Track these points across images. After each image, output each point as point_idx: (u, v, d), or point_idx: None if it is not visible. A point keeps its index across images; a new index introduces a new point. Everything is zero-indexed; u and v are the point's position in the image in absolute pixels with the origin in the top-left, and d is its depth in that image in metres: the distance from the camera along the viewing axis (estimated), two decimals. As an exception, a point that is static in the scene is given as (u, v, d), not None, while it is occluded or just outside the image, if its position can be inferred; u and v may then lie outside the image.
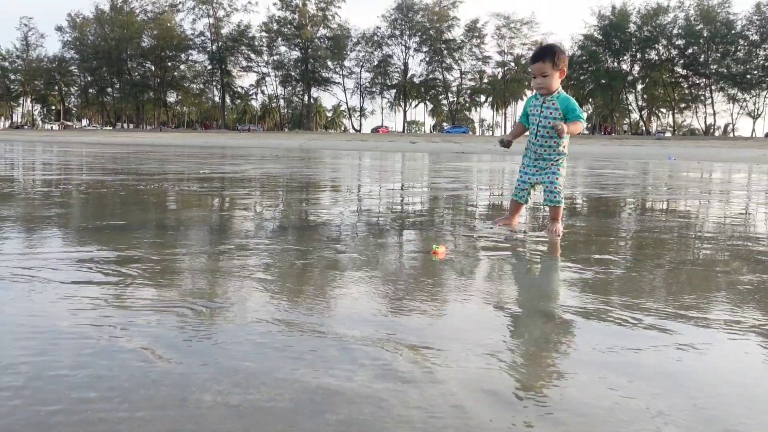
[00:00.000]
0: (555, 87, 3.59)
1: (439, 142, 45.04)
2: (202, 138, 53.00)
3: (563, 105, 3.57)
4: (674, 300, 2.16)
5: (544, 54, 3.59)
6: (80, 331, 1.63)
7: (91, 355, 1.46)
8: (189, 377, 1.33)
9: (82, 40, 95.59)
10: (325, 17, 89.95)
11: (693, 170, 15.45)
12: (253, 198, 5.75)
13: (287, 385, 1.29)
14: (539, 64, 3.56)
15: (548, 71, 3.53)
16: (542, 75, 3.55)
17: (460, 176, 10.52)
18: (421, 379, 1.35)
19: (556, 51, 3.60)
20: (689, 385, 1.39)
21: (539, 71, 3.56)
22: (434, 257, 2.77)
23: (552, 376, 1.44)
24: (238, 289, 2.12)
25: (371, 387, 1.29)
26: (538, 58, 3.59)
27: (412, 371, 1.39)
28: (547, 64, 3.53)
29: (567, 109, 3.56)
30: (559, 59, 3.55)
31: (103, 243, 2.98)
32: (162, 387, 1.28)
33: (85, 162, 13.07)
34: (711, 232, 4.00)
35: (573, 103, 3.57)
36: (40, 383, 1.29)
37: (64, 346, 1.51)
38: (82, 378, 1.32)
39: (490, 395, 1.29)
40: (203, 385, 1.28)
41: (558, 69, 3.54)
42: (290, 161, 15.57)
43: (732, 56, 73.71)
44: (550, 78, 3.54)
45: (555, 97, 3.59)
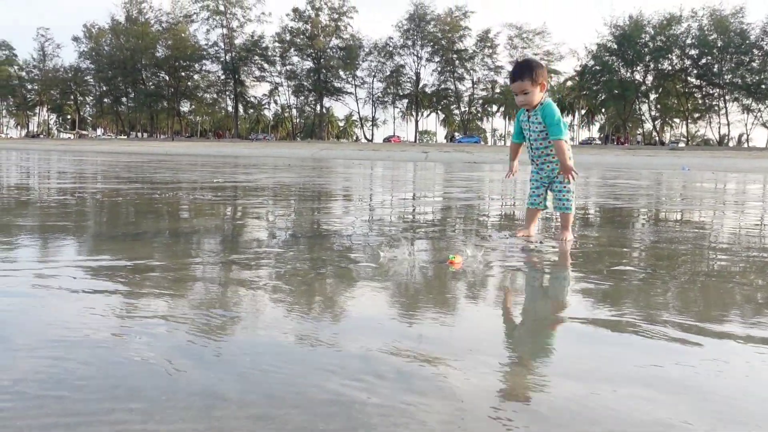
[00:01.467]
0: (536, 101, 3.65)
1: (451, 152, 45.03)
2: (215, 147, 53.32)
3: (543, 118, 3.63)
4: (695, 312, 2.13)
5: (521, 72, 3.63)
6: (98, 341, 1.63)
7: (109, 364, 1.46)
8: (210, 388, 1.33)
9: (97, 50, 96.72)
10: (337, 28, 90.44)
11: (707, 181, 15.33)
12: (267, 207, 5.76)
13: (309, 397, 1.29)
14: (518, 83, 3.63)
15: (528, 88, 3.60)
16: (523, 93, 3.61)
17: (472, 186, 10.50)
18: (443, 392, 1.34)
19: (533, 67, 3.65)
20: (714, 399, 1.37)
21: (519, 89, 3.63)
22: (451, 267, 2.76)
23: (573, 389, 1.42)
24: (254, 299, 2.12)
25: (394, 399, 1.28)
26: (516, 76, 3.65)
27: (434, 383, 1.38)
28: (526, 82, 3.59)
29: (547, 124, 3.62)
30: (537, 74, 3.60)
31: (119, 252, 3.00)
32: (183, 398, 1.27)
33: (100, 171, 13.18)
34: (728, 243, 3.95)
35: (552, 116, 3.61)
36: (58, 393, 1.29)
37: (81, 356, 1.51)
38: (100, 388, 1.32)
39: (509, 407, 1.28)
40: (225, 397, 1.28)
41: (537, 84, 3.60)
42: (302, 170, 15.62)
43: (746, 66, 73.27)
44: (531, 94, 3.61)
45: (538, 110, 3.66)
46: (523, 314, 2.12)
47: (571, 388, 1.42)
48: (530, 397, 1.35)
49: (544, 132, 3.65)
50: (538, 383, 1.43)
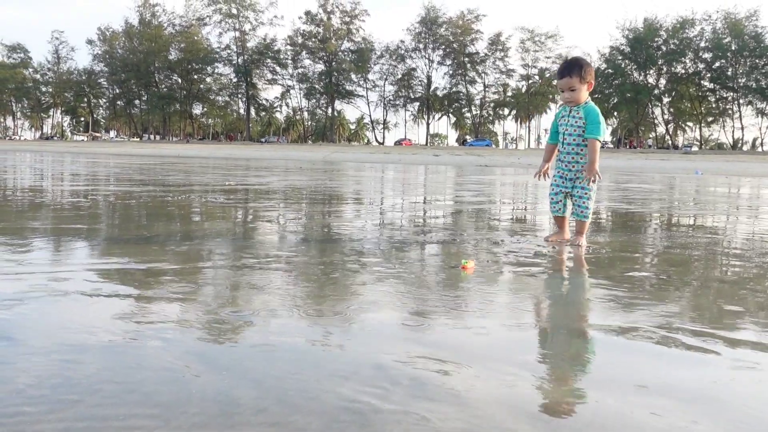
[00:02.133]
0: (583, 99, 3.61)
1: (463, 155, 44.96)
2: (226, 150, 53.54)
3: (585, 115, 3.59)
4: (709, 319, 2.11)
5: (570, 68, 3.60)
6: (113, 345, 1.64)
7: (125, 368, 1.47)
8: (224, 394, 1.33)
9: (111, 53, 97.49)
10: (349, 31, 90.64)
11: (721, 185, 15.21)
12: (278, 210, 5.78)
13: (323, 403, 1.29)
14: (566, 79, 3.58)
15: (576, 85, 3.56)
16: (570, 89, 3.56)
17: (483, 189, 10.47)
18: (457, 399, 1.33)
19: (582, 64, 3.62)
20: (731, 407, 1.35)
21: (567, 86, 3.58)
22: (463, 272, 2.75)
23: (586, 395, 1.41)
24: (267, 304, 2.13)
25: (408, 405, 1.28)
26: (565, 72, 3.60)
27: (448, 390, 1.38)
28: (575, 79, 3.55)
29: (588, 121, 3.57)
30: (586, 72, 3.57)
31: (132, 255, 3.01)
32: (198, 403, 1.28)
33: (113, 173, 13.27)
34: (741, 249, 3.92)
35: (595, 115, 3.57)
36: (73, 397, 1.30)
37: (96, 360, 1.52)
38: (115, 393, 1.33)
39: (524, 414, 1.27)
40: (240, 402, 1.28)
41: (585, 82, 3.57)
42: (314, 173, 15.65)
43: (761, 69, 72.66)
44: (578, 92, 3.57)
45: (582, 107, 3.61)
46: (535, 321, 2.11)
47: (584, 396, 1.41)
48: (543, 404, 1.34)
49: (582, 129, 3.60)
50: (551, 391, 1.42)
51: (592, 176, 3.56)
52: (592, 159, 3.55)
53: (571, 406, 1.34)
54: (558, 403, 1.35)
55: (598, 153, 3.56)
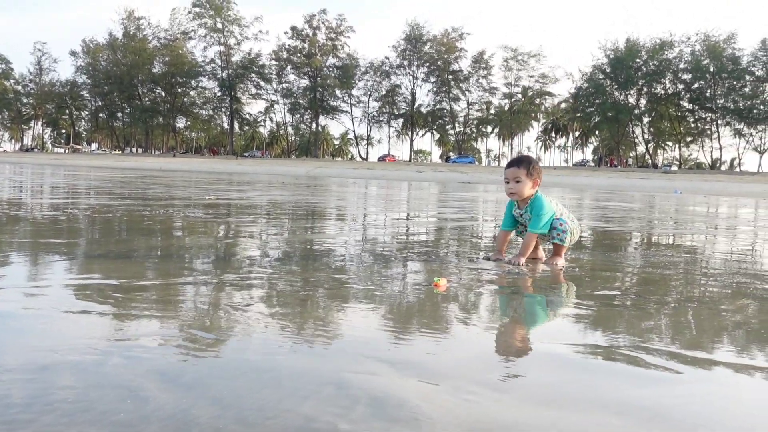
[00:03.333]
0: (526, 194, 3.72)
1: (446, 172, 45.18)
2: (209, 164, 53.34)
3: (530, 210, 3.71)
4: (676, 339, 2.14)
5: (520, 161, 3.77)
6: (76, 363, 1.62)
7: (85, 387, 1.45)
8: (182, 413, 1.32)
9: (94, 65, 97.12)
10: (334, 47, 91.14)
11: (699, 204, 15.41)
12: (258, 226, 5.76)
13: (280, 422, 1.28)
14: (514, 169, 3.72)
15: (522, 177, 3.67)
16: (515, 180, 3.69)
17: (465, 206, 10.52)
18: (417, 420, 1.33)
19: (531, 161, 3.78)
20: (684, 425, 1.37)
21: (513, 176, 3.71)
22: (436, 290, 2.76)
23: (546, 416, 1.42)
24: (236, 322, 2.12)
25: (367, 426, 1.28)
26: (514, 164, 3.77)
27: (409, 411, 1.38)
28: (522, 170, 3.69)
29: (532, 215, 3.69)
30: (533, 169, 3.71)
31: (104, 270, 2.99)
32: (154, 422, 1.27)
33: (93, 186, 13.16)
34: (717, 269, 3.97)
35: (538, 205, 3.69)
36: (27, 416, 1.28)
37: (56, 379, 1.50)
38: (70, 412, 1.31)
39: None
40: (197, 421, 1.27)
41: (532, 178, 3.69)
42: (296, 188, 15.64)
43: (738, 91, 74.11)
44: (523, 184, 3.68)
45: (529, 205, 3.74)
46: (503, 338, 2.12)
47: (543, 415, 1.42)
48: (503, 425, 1.35)
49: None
50: (512, 411, 1.43)
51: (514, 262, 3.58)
52: (521, 251, 3.65)
53: (530, 427, 1.35)
54: (516, 423, 1.36)
55: (530, 247, 3.66)
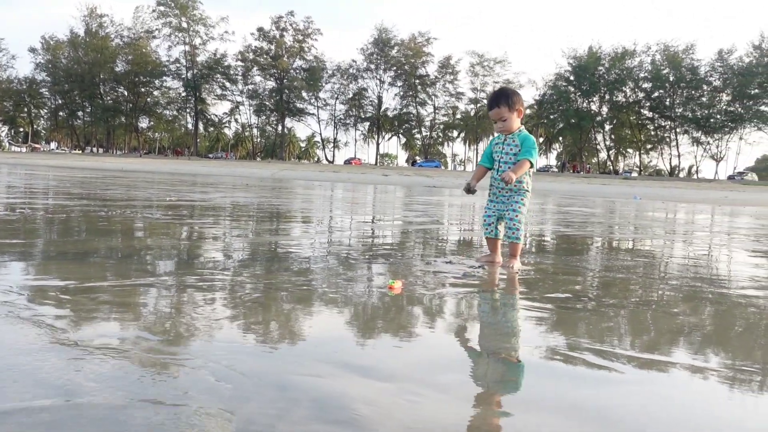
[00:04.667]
0: (516, 127, 3.73)
1: (412, 176, 45.32)
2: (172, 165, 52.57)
3: (521, 142, 3.71)
4: (627, 341, 2.17)
5: (498, 99, 3.73)
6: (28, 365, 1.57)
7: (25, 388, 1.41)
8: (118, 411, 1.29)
9: (54, 62, 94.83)
10: (301, 49, 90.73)
11: (658, 210, 15.75)
12: (220, 228, 5.69)
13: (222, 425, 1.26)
14: (495, 109, 3.72)
15: (505, 114, 3.68)
16: (501, 119, 3.67)
17: (429, 210, 10.57)
18: (357, 422, 1.33)
19: (508, 94, 3.75)
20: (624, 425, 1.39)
21: (497, 116, 3.71)
22: (390, 292, 2.76)
23: (495, 417, 1.43)
24: (187, 323, 2.08)
25: (305, 428, 1.27)
26: (493, 104, 3.74)
27: (349, 413, 1.37)
28: (503, 108, 3.68)
29: (522, 147, 3.69)
30: (512, 101, 3.70)
31: (61, 272, 2.91)
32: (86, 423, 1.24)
33: (50, 186, 12.85)
34: (672, 273, 4.06)
35: (530, 141, 3.70)
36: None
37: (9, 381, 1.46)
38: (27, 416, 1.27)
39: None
40: (132, 422, 1.25)
41: (514, 110, 3.69)
42: (261, 191, 15.50)
43: (696, 101, 76.09)
44: (509, 120, 3.69)
45: (517, 134, 3.71)
46: (453, 341, 2.13)
47: (485, 415, 1.42)
48: (442, 425, 1.35)
49: (516, 155, 3.69)
50: (453, 412, 1.43)
51: (508, 178, 3.54)
52: (515, 168, 3.60)
53: (470, 428, 1.35)
54: (456, 424, 1.36)
55: (524, 169, 3.64)
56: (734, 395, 1.68)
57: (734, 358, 2.02)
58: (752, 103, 71.41)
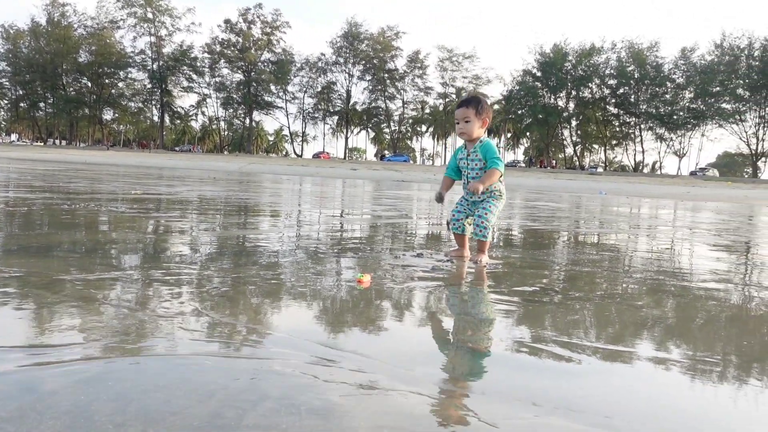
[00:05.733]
0: (476, 134, 3.76)
1: (380, 170, 45.35)
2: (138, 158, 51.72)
3: (483, 153, 3.75)
4: (592, 333, 2.21)
5: (468, 101, 3.77)
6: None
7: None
8: (81, 409, 1.27)
9: (15, 52, 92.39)
10: (269, 42, 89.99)
11: (622, 205, 16.02)
12: (186, 221, 5.62)
13: (184, 417, 1.25)
14: (463, 109, 3.75)
15: (471, 117, 3.70)
16: (465, 120, 3.72)
17: (398, 204, 10.58)
18: (328, 412, 1.33)
19: (480, 101, 3.80)
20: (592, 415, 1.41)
21: (462, 116, 3.74)
22: (359, 286, 2.76)
23: (463, 406, 1.44)
24: (152, 318, 2.05)
25: (272, 420, 1.26)
26: (463, 104, 3.78)
27: (320, 403, 1.37)
28: (471, 110, 3.71)
29: (487, 157, 3.73)
30: (482, 108, 3.74)
31: (19, 266, 2.84)
32: (51, 418, 1.21)
33: (11, 178, 12.53)
34: (636, 266, 4.13)
35: (492, 150, 3.74)
36: None
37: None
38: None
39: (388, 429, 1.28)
40: (96, 418, 1.23)
41: (481, 117, 3.72)
42: (228, 184, 15.35)
43: (660, 97, 77.64)
44: (472, 124, 3.71)
45: (478, 147, 3.77)
46: (422, 334, 2.14)
47: (454, 405, 1.44)
48: (412, 415, 1.35)
49: (482, 166, 3.75)
50: (423, 403, 1.44)
51: (475, 188, 3.61)
52: (484, 178, 3.67)
53: (439, 417, 1.36)
54: (425, 415, 1.37)
55: (493, 179, 3.68)
56: (696, 386, 1.72)
57: (696, 349, 2.07)
58: (714, 100, 73.15)
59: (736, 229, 8.51)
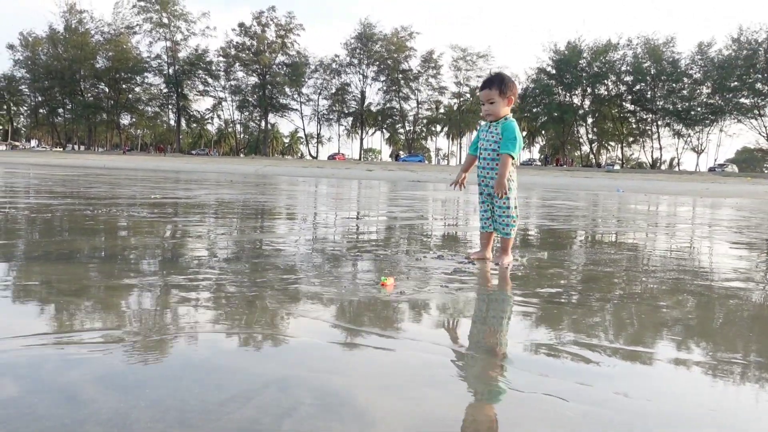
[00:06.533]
0: (502, 114, 3.65)
1: (396, 171, 45.36)
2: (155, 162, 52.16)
3: (502, 131, 3.64)
4: (616, 335, 2.21)
5: (491, 81, 3.67)
6: (14, 366, 1.57)
7: (21, 392, 1.41)
8: (121, 416, 1.30)
9: (33, 59, 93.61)
10: (283, 44, 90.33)
11: (640, 203, 15.90)
12: (206, 225, 5.67)
13: (222, 424, 1.27)
14: (486, 90, 3.64)
15: (495, 98, 3.61)
16: (489, 102, 3.63)
17: (415, 205, 10.59)
18: (361, 416, 1.34)
19: (504, 78, 3.68)
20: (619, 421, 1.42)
21: (486, 98, 3.64)
22: (383, 289, 2.78)
23: (492, 412, 1.45)
24: (180, 323, 2.09)
25: (310, 425, 1.28)
26: (486, 85, 3.67)
27: (353, 408, 1.39)
28: (494, 91, 3.62)
29: (503, 137, 3.63)
30: (506, 87, 3.63)
31: (45, 273, 2.89)
32: (92, 426, 1.24)
33: (32, 184, 12.70)
34: (657, 266, 4.11)
35: (511, 131, 3.62)
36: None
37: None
38: (5, 417, 1.27)
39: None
40: (135, 426, 1.25)
41: (505, 97, 3.62)
42: (245, 187, 15.44)
43: (677, 93, 76.84)
44: (497, 105, 3.62)
45: (500, 123, 3.66)
46: (450, 338, 2.15)
47: (488, 412, 1.45)
48: (445, 422, 1.37)
49: (497, 144, 3.65)
50: (455, 409, 1.45)
51: (500, 191, 3.61)
52: (501, 173, 3.59)
53: (473, 422, 1.37)
54: (458, 421, 1.38)
55: (508, 168, 3.59)
56: (727, 388, 1.72)
57: (725, 350, 2.06)
58: (732, 95, 72.23)
59: (757, 225, 8.42)
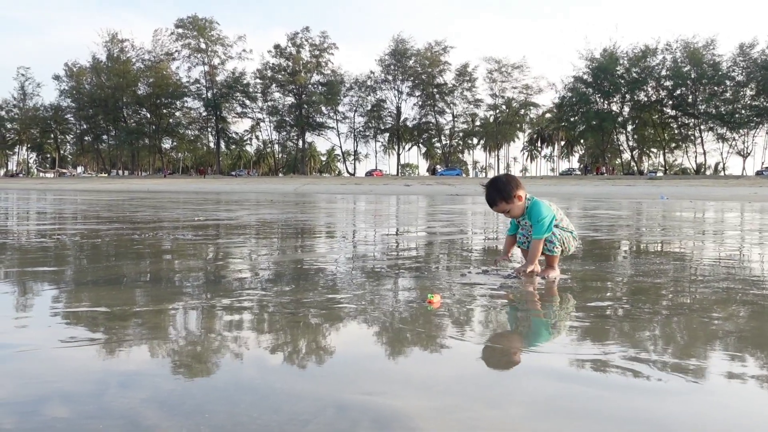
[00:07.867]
0: (520, 212, 3.71)
1: (434, 185, 45.33)
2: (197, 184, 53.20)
3: (529, 218, 3.69)
4: (671, 349, 2.16)
5: (492, 198, 3.71)
6: (72, 394, 1.61)
7: (83, 419, 1.44)
8: (183, 440, 1.31)
9: (78, 88, 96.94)
10: (318, 64, 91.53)
11: (686, 210, 15.54)
12: (248, 246, 5.75)
13: None
14: (495, 208, 3.72)
15: (506, 207, 3.67)
16: (505, 212, 3.71)
17: (454, 219, 10.55)
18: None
19: (499, 186, 3.70)
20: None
21: (500, 212, 3.73)
22: (429, 306, 2.77)
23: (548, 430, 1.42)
24: (232, 346, 2.11)
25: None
26: (491, 203, 3.73)
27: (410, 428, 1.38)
28: (501, 204, 3.68)
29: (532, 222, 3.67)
30: (506, 191, 3.65)
31: (96, 298, 2.97)
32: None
33: (80, 210, 13.08)
34: (706, 275, 4.00)
35: (535, 212, 3.65)
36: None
37: (52, 410, 1.49)
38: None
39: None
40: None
41: (512, 198, 3.64)
42: (285, 206, 15.62)
43: (719, 96, 75.07)
44: (513, 209, 3.68)
45: (526, 215, 3.71)
46: (499, 354, 2.13)
47: (542, 428, 1.43)
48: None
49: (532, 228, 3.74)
50: (509, 426, 1.44)
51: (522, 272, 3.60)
52: (530, 258, 3.63)
53: (531, 442, 1.35)
54: (519, 440, 1.36)
55: (538, 254, 3.61)
56: (791, 401, 1.66)
57: (786, 362, 1.99)
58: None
59: (812, 230, 8.14)
